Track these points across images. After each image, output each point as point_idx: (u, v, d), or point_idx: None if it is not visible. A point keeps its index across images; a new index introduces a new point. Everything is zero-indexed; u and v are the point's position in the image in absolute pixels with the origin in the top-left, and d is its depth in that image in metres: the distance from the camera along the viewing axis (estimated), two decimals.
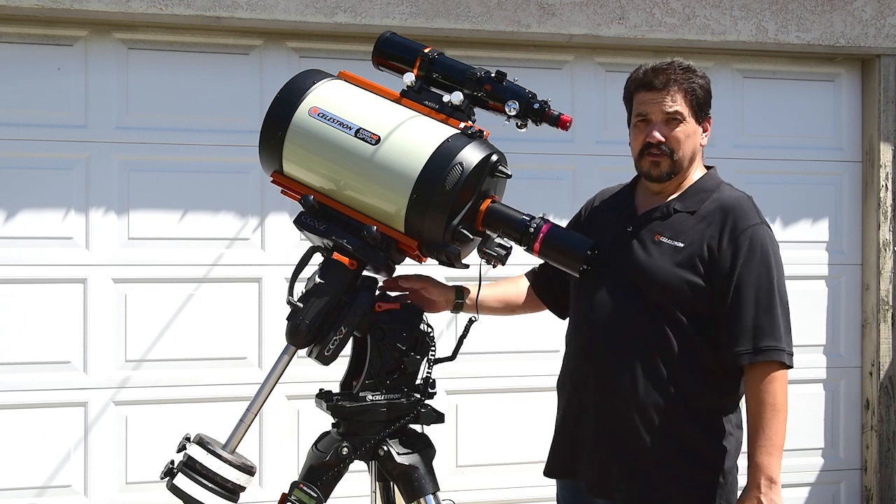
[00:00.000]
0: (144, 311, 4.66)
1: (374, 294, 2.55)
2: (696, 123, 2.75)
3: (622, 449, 2.71)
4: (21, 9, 4.42)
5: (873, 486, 5.45)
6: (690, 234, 2.70)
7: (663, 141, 2.72)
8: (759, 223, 2.71)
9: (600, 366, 2.75)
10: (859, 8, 5.30)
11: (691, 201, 2.75)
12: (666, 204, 2.76)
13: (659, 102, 2.72)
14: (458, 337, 2.64)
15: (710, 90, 2.78)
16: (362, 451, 2.50)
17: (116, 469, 4.63)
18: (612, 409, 2.72)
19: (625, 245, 2.75)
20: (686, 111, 2.72)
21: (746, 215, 2.70)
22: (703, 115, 2.77)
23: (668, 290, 2.66)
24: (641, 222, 2.77)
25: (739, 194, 2.78)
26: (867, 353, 5.47)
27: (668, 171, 2.74)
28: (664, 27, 5.07)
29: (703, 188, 2.77)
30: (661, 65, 2.75)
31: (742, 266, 2.65)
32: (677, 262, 2.67)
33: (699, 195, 2.75)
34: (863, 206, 5.50)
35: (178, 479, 2.36)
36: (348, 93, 2.57)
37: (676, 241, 2.69)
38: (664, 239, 2.71)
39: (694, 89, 2.73)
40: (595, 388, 2.75)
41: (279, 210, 4.73)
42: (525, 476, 4.99)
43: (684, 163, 2.74)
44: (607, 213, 2.88)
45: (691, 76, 2.74)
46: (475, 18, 4.85)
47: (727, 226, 2.68)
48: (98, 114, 4.64)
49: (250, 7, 4.60)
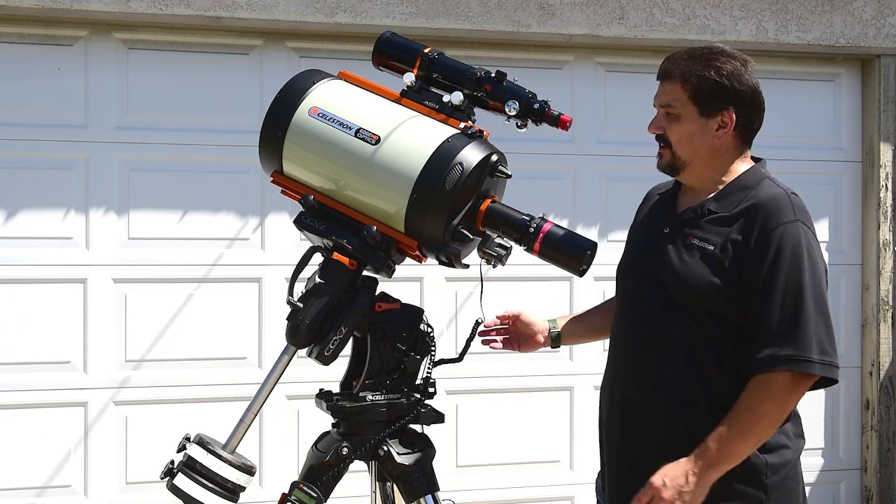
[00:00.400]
0: (144, 311, 4.66)
1: (374, 294, 2.55)
2: (700, 116, 2.56)
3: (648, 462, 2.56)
4: (21, 9, 4.42)
5: (873, 486, 5.45)
6: (722, 235, 2.54)
7: (661, 132, 2.60)
8: (794, 220, 2.50)
9: (627, 380, 2.67)
10: (859, 8, 5.30)
11: (727, 201, 2.58)
12: (701, 204, 2.61)
13: (659, 94, 2.62)
14: (458, 337, 2.64)
15: (724, 83, 2.54)
16: (362, 451, 2.50)
17: (116, 469, 4.63)
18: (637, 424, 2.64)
19: (660, 246, 2.64)
20: (682, 103, 2.56)
21: (779, 212, 2.50)
22: (711, 109, 2.55)
23: (699, 295, 2.53)
24: (677, 223, 2.64)
25: (778, 191, 2.56)
26: (867, 353, 5.47)
27: (669, 163, 2.62)
28: (664, 27, 5.07)
29: (743, 186, 2.59)
30: (677, 53, 2.62)
31: (769, 267, 2.47)
32: (708, 267, 2.53)
33: (736, 194, 2.58)
34: (863, 206, 5.50)
35: (178, 479, 2.35)
36: (348, 93, 2.57)
37: (707, 245, 2.54)
38: (696, 241, 2.56)
39: (690, 79, 2.54)
40: (621, 396, 2.67)
41: (279, 210, 4.73)
42: (525, 476, 4.99)
43: (684, 157, 2.59)
44: (653, 212, 2.81)
45: (697, 66, 2.55)
46: (475, 18, 4.85)
47: (757, 224, 2.50)
48: (98, 114, 4.64)
49: (250, 7, 4.60)
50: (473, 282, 2.86)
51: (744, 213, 2.53)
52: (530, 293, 4.97)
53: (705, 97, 2.55)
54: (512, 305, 2.99)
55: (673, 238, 2.61)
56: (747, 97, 2.58)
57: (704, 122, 2.56)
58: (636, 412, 2.64)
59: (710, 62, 2.55)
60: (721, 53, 2.57)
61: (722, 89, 2.55)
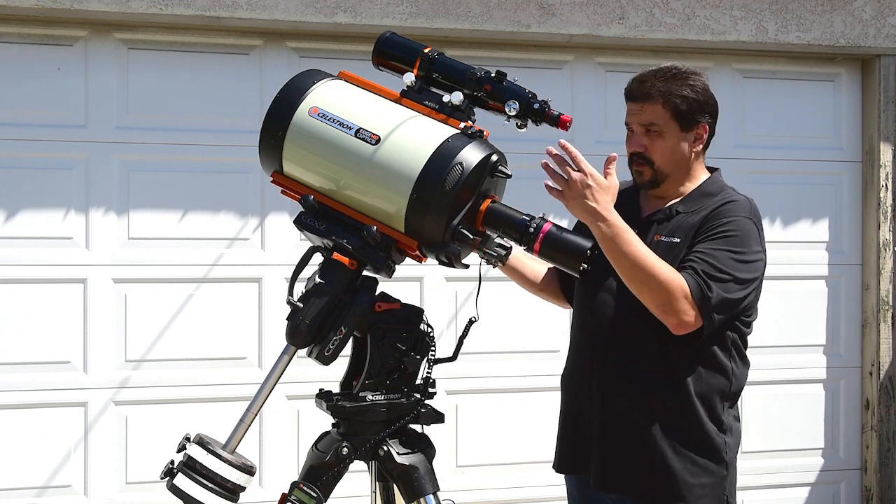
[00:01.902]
0: (144, 311, 4.66)
1: (374, 294, 2.55)
2: (680, 132, 2.78)
3: (628, 444, 2.77)
4: (21, 9, 4.42)
5: (873, 486, 5.45)
6: (685, 230, 2.76)
7: (643, 151, 2.80)
8: (747, 217, 2.74)
9: (603, 363, 2.81)
10: (859, 8, 5.30)
11: (692, 204, 2.81)
12: (669, 207, 2.83)
13: (637, 114, 2.81)
14: (458, 337, 2.64)
15: (699, 99, 2.78)
16: (362, 451, 2.50)
17: (116, 469, 4.63)
18: (615, 404, 2.79)
19: None
20: (664, 121, 2.77)
21: (736, 210, 2.74)
22: (689, 124, 2.78)
23: None
24: (644, 225, 2.83)
25: (740, 196, 2.82)
26: (867, 353, 5.47)
27: (651, 178, 2.81)
28: (664, 27, 5.07)
29: (706, 192, 2.82)
30: (646, 74, 2.80)
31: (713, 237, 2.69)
32: (673, 258, 2.71)
33: (700, 199, 2.81)
34: (863, 206, 5.50)
35: (178, 479, 2.35)
36: (348, 93, 2.57)
37: (673, 238, 2.76)
38: (663, 237, 2.77)
39: (673, 101, 2.75)
40: (598, 385, 2.82)
41: (279, 210, 4.73)
42: (525, 476, 5.00)
43: (666, 171, 2.80)
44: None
45: (674, 86, 2.76)
46: (475, 18, 4.85)
47: (712, 216, 2.73)
48: (98, 114, 4.64)
49: (250, 7, 4.60)
50: (473, 282, 2.86)
51: (704, 210, 2.76)
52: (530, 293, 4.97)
53: (685, 114, 2.77)
54: (511, 306, 2.99)
55: (642, 238, 2.74)
56: (715, 109, 2.84)
57: (683, 136, 2.79)
58: (611, 400, 2.79)
59: (684, 81, 2.77)
60: (689, 73, 2.79)
61: (698, 105, 2.78)
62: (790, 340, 5.40)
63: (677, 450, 2.74)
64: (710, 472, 2.75)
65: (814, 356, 5.44)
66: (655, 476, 2.75)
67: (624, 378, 2.78)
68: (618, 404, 2.79)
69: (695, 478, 2.74)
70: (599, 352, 2.82)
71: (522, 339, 5.05)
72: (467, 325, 2.67)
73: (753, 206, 2.81)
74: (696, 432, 2.75)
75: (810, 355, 5.42)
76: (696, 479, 2.74)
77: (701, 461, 2.74)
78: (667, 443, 2.74)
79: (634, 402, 2.77)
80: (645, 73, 2.80)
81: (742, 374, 2.83)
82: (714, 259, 2.66)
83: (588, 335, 2.87)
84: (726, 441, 2.78)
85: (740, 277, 2.69)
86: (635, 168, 2.84)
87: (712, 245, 2.69)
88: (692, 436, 2.75)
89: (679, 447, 2.74)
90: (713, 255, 2.67)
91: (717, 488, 2.76)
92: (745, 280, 2.71)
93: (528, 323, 5.02)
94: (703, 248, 2.68)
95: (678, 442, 2.74)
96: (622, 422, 2.78)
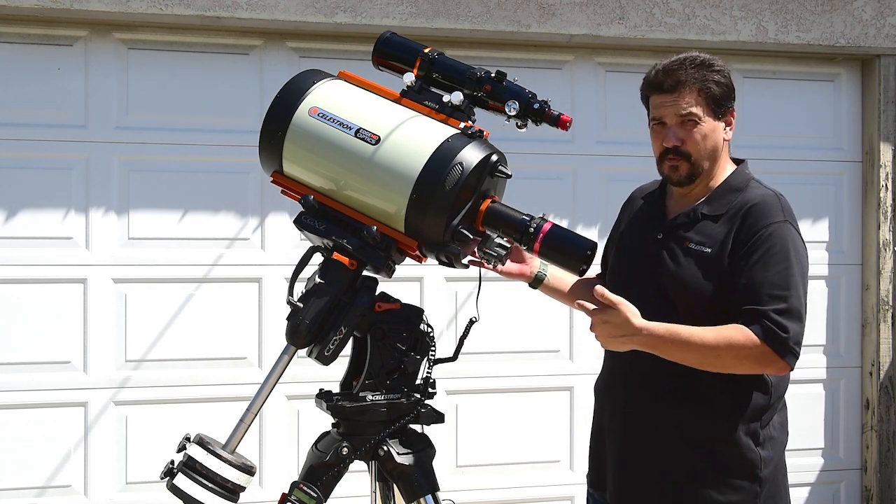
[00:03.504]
0: (144, 311, 4.66)
1: (374, 294, 2.54)
2: (714, 120, 2.70)
3: (649, 462, 2.69)
4: (21, 9, 4.42)
5: (873, 486, 5.45)
6: (716, 239, 2.66)
7: (679, 145, 2.69)
8: (783, 221, 2.64)
9: (627, 377, 2.74)
10: (859, 8, 5.30)
11: (718, 204, 2.71)
12: (693, 208, 2.73)
13: (671, 105, 2.69)
14: (458, 337, 2.64)
15: (729, 83, 2.72)
16: (362, 451, 2.50)
17: (116, 469, 4.63)
18: (637, 422, 2.71)
19: (656, 252, 2.73)
20: (701, 110, 2.68)
21: (769, 213, 2.64)
22: (722, 111, 2.71)
23: (701, 298, 2.63)
24: (670, 228, 2.75)
25: (767, 192, 2.72)
26: (867, 353, 5.47)
27: (688, 173, 2.71)
28: (664, 27, 5.07)
29: (731, 188, 2.73)
30: (673, 64, 2.70)
31: (755, 262, 2.58)
32: (706, 270, 2.64)
33: (726, 196, 2.71)
34: (863, 206, 5.50)
35: (178, 479, 2.35)
36: (348, 93, 2.57)
37: (704, 248, 2.66)
38: (692, 246, 2.68)
39: (708, 87, 2.68)
40: (623, 400, 2.74)
41: (279, 210, 4.73)
42: (525, 476, 5.00)
43: (703, 163, 2.70)
44: (641, 216, 2.87)
45: (705, 73, 2.69)
46: (475, 18, 4.85)
47: (746, 223, 2.63)
48: (98, 114, 4.64)
49: (250, 7, 4.60)
50: (473, 282, 2.86)
51: (735, 214, 2.66)
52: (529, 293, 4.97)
53: (719, 100, 2.70)
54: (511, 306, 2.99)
55: (667, 243, 2.71)
56: (735, 95, 2.79)
57: (717, 124, 2.71)
58: (636, 415, 2.70)
59: (712, 68, 2.70)
60: (713, 59, 2.73)
61: (728, 90, 2.73)
62: None
63: (701, 469, 2.64)
64: (740, 489, 2.64)
65: (814, 356, 5.44)
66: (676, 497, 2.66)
67: (648, 393, 2.69)
68: (640, 422, 2.70)
69: (722, 495, 2.63)
70: (625, 366, 2.72)
71: (522, 339, 5.05)
72: (468, 325, 2.66)
73: (783, 202, 2.70)
74: (725, 449, 2.64)
75: (810, 355, 5.42)
76: (723, 497, 2.63)
77: (729, 480, 2.63)
78: (690, 462, 2.65)
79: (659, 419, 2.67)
80: (671, 63, 2.69)
81: (781, 380, 2.70)
82: (771, 282, 2.55)
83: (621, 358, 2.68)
84: (762, 456, 2.65)
85: (797, 282, 2.58)
86: (670, 164, 2.71)
87: (762, 271, 2.56)
88: (721, 453, 2.64)
89: (703, 466, 2.65)
90: (769, 279, 2.55)
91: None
92: (803, 280, 2.60)
93: (528, 323, 5.02)
94: (754, 278, 2.56)
95: (702, 460, 2.64)
96: (644, 440, 2.69)
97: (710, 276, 2.62)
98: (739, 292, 2.57)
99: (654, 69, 2.73)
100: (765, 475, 2.65)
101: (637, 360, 2.63)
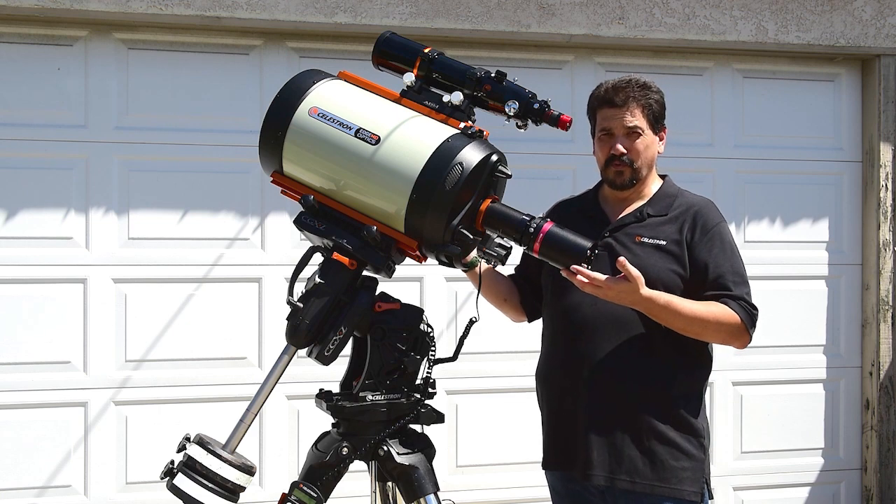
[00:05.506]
0: (144, 311, 4.66)
1: (374, 294, 2.55)
2: (653, 134, 3.02)
3: (614, 434, 2.92)
4: (21, 9, 4.42)
5: (873, 486, 5.45)
6: (667, 233, 2.97)
7: (625, 153, 2.97)
8: (723, 220, 3.05)
9: (589, 359, 2.95)
10: (859, 8, 5.30)
11: (660, 205, 3.03)
12: (639, 209, 3.02)
13: (620, 118, 2.97)
14: (458, 337, 2.64)
15: (664, 104, 3.05)
16: (362, 451, 2.50)
17: (116, 469, 4.63)
18: (601, 397, 2.94)
19: (606, 250, 2.95)
20: (644, 124, 2.98)
21: (714, 214, 3.02)
22: (659, 127, 3.05)
23: (660, 283, 2.88)
24: (618, 228, 3.01)
25: (702, 197, 3.09)
26: (867, 353, 5.47)
27: (630, 178, 3.00)
28: (664, 27, 5.07)
29: (668, 194, 3.06)
30: (621, 83, 3.00)
31: (716, 255, 2.97)
32: (662, 258, 2.93)
33: (665, 200, 3.04)
34: (863, 206, 5.50)
35: (178, 479, 2.36)
36: (348, 93, 2.57)
37: (658, 240, 2.96)
38: (645, 239, 2.97)
39: (650, 104, 2.99)
40: (585, 380, 2.95)
41: (279, 210, 4.73)
42: (525, 476, 4.99)
43: (643, 171, 3.01)
44: (579, 223, 2.89)
45: (647, 93, 3.00)
46: (475, 18, 4.85)
47: (698, 224, 2.98)
48: (98, 114, 4.64)
49: (250, 7, 4.60)
50: None
51: (681, 215, 3.00)
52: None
53: (657, 117, 3.04)
54: None
55: (618, 239, 2.98)
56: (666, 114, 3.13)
57: (654, 137, 3.04)
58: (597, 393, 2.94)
59: (651, 89, 3.03)
60: (651, 82, 3.06)
61: (663, 109, 3.07)
62: (790, 340, 5.40)
63: (663, 437, 2.91)
64: (692, 457, 2.93)
65: (814, 356, 5.44)
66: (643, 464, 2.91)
67: (610, 373, 2.93)
68: (604, 396, 2.94)
69: (678, 461, 2.91)
70: (581, 347, 2.97)
71: (522, 339, 5.03)
72: (468, 325, 2.67)
73: (716, 207, 3.09)
74: (680, 419, 2.93)
75: (810, 355, 5.42)
76: (678, 463, 2.91)
77: (685, 446, 2.92)
78: (652, 430, 2.91)
79: (621, 394, 2.93)
80: (618, 83, 3.01)
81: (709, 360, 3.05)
82: (734, 271, 2.95)
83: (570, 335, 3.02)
84: (704, 427, 2.99)
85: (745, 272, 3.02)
86: (615, 169, 2.99)
87: (724, 258, 2.96)
88: (676, 422, 2.93)
89: (664, 434, 2.91)
90: (732, 268, 2.95)
91: (698, 471, 2.94)
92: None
93: (528, 323, 5.02)
94: (721, 264, 2.94)
95: (663, 429, 2.91)
96: (608, 413, 2.93)
97: (667, 263, 2.92)
98: (709, 279, 2.93)
99: (604, 87, 3.02)
100: (706, 445, 2.98)
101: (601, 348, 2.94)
